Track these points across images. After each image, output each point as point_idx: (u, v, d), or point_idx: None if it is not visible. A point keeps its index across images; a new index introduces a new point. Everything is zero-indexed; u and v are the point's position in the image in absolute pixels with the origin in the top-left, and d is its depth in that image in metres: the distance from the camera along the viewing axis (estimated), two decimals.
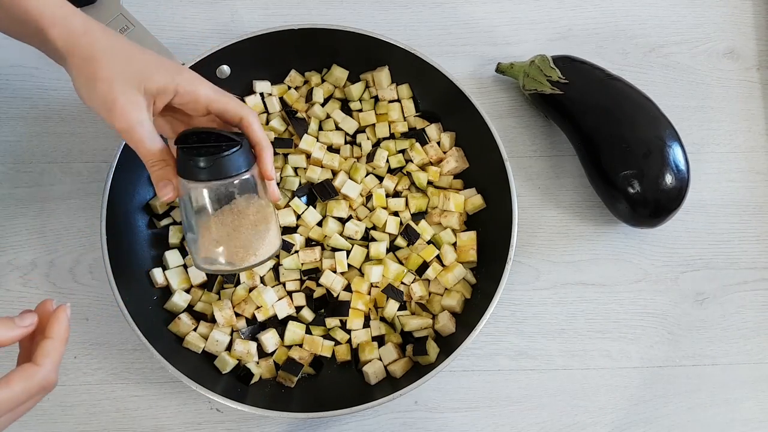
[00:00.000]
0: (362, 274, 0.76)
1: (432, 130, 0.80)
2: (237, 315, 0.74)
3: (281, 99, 0.81)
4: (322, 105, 0.81)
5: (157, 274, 0.74)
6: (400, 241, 0.76)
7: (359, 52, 0.79)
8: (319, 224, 0.77)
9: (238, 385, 0.72)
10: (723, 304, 0.79)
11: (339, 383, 0.74)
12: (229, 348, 0.73)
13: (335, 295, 0.75)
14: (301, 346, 0.74)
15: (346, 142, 0.81)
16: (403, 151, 0.80)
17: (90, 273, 0.76)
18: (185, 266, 0.75)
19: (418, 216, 0.78)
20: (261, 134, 0.62)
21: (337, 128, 0.81)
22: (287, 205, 0.77)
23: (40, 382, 0.49)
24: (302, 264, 0.75)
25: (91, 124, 0.81)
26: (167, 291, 0.75)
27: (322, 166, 0.78)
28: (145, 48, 0.60)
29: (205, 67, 0.77)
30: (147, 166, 0.59)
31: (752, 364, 0.78)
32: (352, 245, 0.76)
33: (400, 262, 0.76)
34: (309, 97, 0.80)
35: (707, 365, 0.77)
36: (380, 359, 0.73)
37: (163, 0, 0.86)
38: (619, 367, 0.77)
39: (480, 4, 0.88)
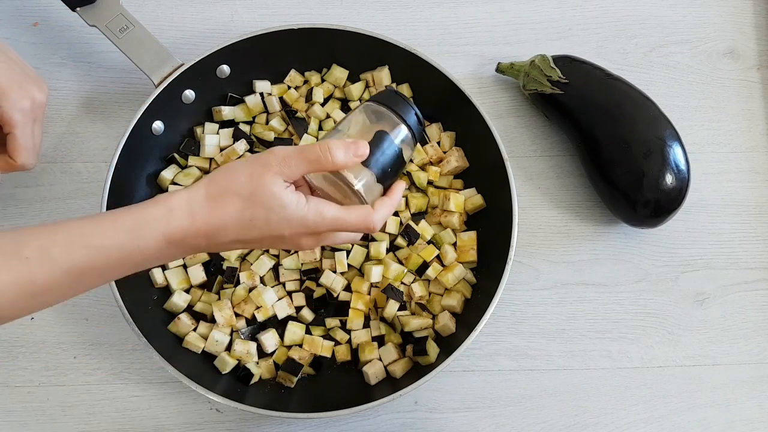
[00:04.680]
0: (362, 274, 0.76)
1: (432, 130, 0.80)
2: (237, 315, 0.74)
3: (281, 99, 0.81)
4: (322, 105, 0.81)
5: (157, 274, 0.74)
6: (400, 241, 0.76)
7: (359, 52, 0.79)
8: None
9: (238, 385, 0.72)
10: (723, 305, 0.79)
11: (339, 383, 0.74)
12: (228, 348, 0.73)
13: (335, 295, 0.75)
14: (300, 346, 0.74)
15: None
16: None
17: None
18: (185, 266, 0.75)
19: (418, 216, 0.78)
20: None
21: None
22: None
23: (369, 224, 0.56)
24: (302, 264, 0.75)
25: (91, 125, 0.81)
26: (167, 291, 0.75)
27: None
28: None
29: (205, 67, 0.77)
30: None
31: (752, 364, 0.78)
32: (352, 245, 0.76)
33: (400, 262, 0.76)
34: (309, 97, 0.80)
35: (707, 365, 0.77)
36: (380, 359, 0.73)
37: (163, 0, 0.86)
38: (619, 368, 0.77)
39: (480, 3, 0.88)
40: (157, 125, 0.77)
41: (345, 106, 0.82)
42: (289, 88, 0.82)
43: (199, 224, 0.52)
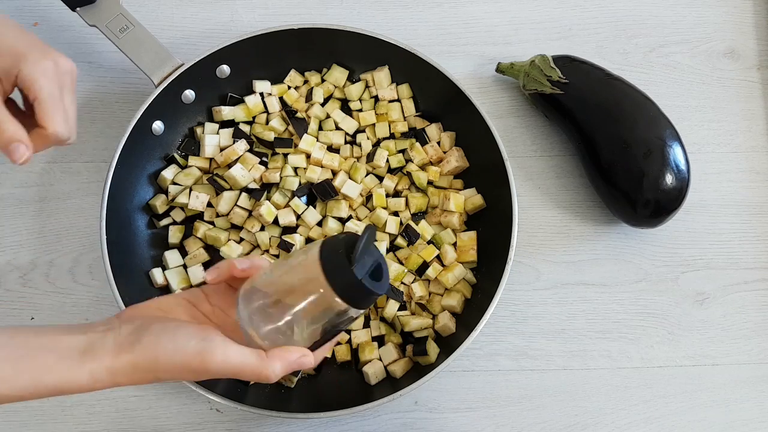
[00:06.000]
0: None
1: (432, 130, 0.80)
2: None
3: (281, 99, 0.81)
4: (322, 105, 0.81)
5: (157, 274, 0.74)
6: (400, 241, 0.76)
7: (359, 52, 0.79)
8: (319, 224, 0.77)
9: (238, 385, 0.72)
10: (723, 304, 0.79)
11: (339, 383, 0.74)
12: None
13: None
14: None
15: (346, 142, 0.81)
16: (403, 151, 0.80)
17: (90, 273, 0.76)
18: (185, 266, 0.75)
19: (418, 216, 0.78)
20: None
21: (337, 128, 0.81)
22: (287, 205, 0.77)
23: (261, 376, 0.52)
24: None
25: (91, 124, 0.81)
26: (167, 291, 0.75)
27: (322, 166, 0.78)
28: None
29: (205, 67, 0.77)
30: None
31: (753, 364, 0.78)
32: None
33: (400, 262, 0.76)
34: (309, 97, 0.80)
35: (707, 365, 0.77)
36: (380, 359, 0.73)
37: (163, 0, 0.86)
38: (619, 367, 0.77)
39: (480, 3, 0.88)
40: (157, 125, 0.77)
41: (345, 106, 0.82)
42: (289, 88, 0.82)
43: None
